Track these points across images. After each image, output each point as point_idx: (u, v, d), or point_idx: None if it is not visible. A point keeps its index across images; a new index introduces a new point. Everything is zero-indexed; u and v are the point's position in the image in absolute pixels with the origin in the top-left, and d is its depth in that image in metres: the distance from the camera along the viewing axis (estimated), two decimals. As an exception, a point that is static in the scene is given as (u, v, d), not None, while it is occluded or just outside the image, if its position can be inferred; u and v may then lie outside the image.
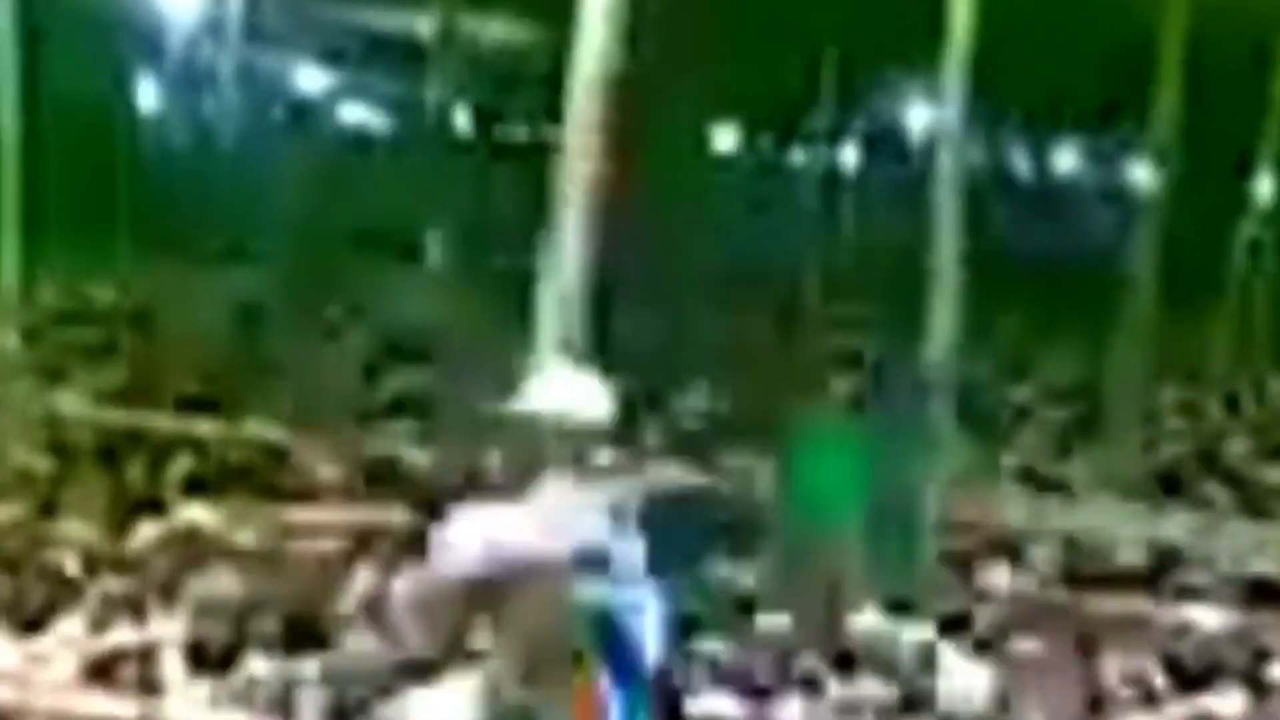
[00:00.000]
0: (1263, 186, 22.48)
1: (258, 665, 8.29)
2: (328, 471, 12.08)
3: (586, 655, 5.51)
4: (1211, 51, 16.53)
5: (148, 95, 39.69)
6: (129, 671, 8.26)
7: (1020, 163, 49.74)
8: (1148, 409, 16.00)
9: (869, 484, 10.02)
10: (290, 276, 23.35)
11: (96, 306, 20.42)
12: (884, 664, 8.78)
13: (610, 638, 5.56)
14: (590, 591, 5.52)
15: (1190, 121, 16.70)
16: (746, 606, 9.43)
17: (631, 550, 5.63)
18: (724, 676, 8.40)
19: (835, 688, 8.59)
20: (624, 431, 5.89)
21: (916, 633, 9.27)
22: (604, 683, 5.53)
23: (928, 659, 8.92)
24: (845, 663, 8.78)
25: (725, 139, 41.97)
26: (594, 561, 5.53)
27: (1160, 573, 10.55)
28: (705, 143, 21.06)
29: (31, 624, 8.84)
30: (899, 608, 9.49)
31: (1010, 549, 10.81)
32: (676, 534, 6.05)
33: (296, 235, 27.01)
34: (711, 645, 8.68)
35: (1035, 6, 17.69)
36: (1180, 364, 19.36)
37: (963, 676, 8.89)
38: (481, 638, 5.62)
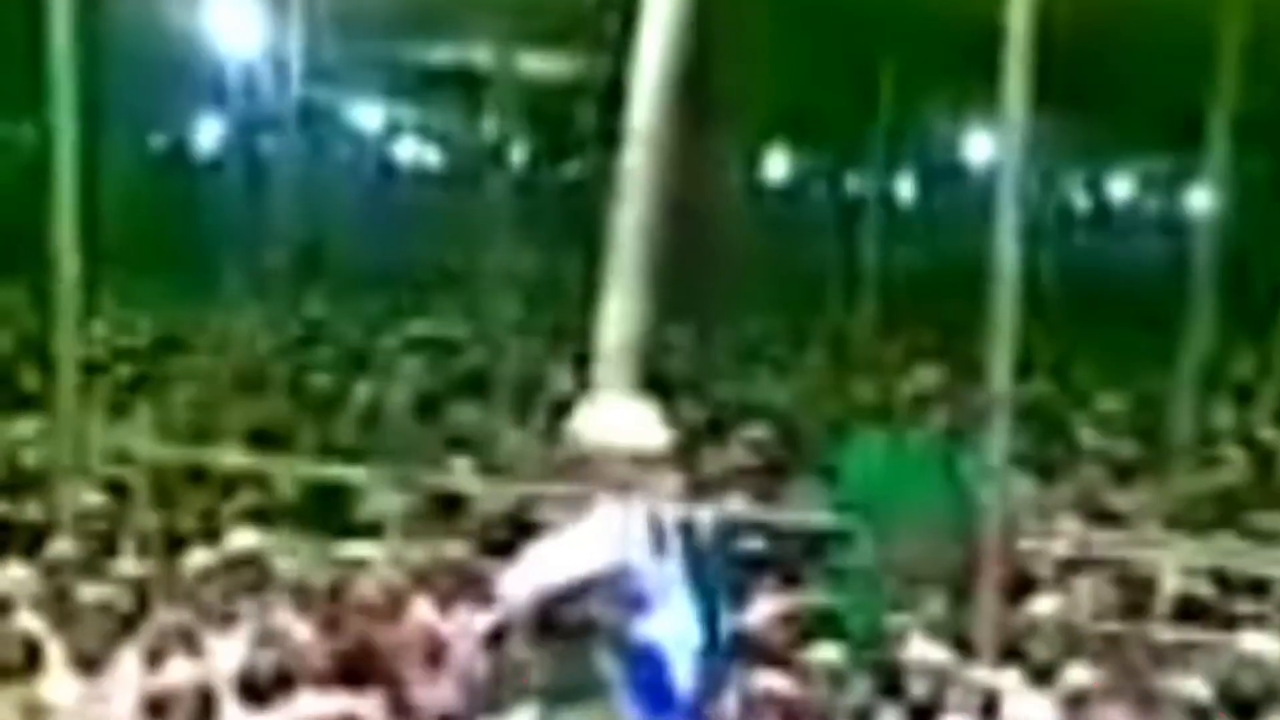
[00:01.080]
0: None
1: (311, 701, 8.33)
2: (389, 506, 12.09)
3: (618, 683, 5.53)
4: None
5: (207, 133, 40.09)
6: (186, 706, 8.29)
7: (1079, 187, 49.53)
8: (1205, 435, 15.90)
9: (925, 512, 10.02)
10: (348, 310, 23.52)
11: (158, 340, 20.52)
12: (936, 693, 8.76)
13: (645, 666, 5.56)
14: (628, 618, 5.54)
15: (1255, 140, 16.56)
16: (802, 636, 9.40)
17: (673, 576, 5.65)
18: (774, 706, 8.38)
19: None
20: (683, 460, 5.90)
21: (972, 662, 9.26)
22: (634, 711, 5.54)
23: (985, 689, 8.90)
24: (897, 693, 8.77)
25: (778, 165, 42.04)
26: (633, 587, 5.54)
27: (1216, 601, 10.48)
28: (758, 169, 21.15)
29: (88, 660, 8.93)
30: (954, 637, 9.46)
31: (1065, 578, 10.75)
32: (725, 562, 6.06)
33: (353, 270, 27.21)
34: (761, 675, 8.66)
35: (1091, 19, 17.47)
36: (1240, 388, 19.23)
37: (1022, 707, 8.87)
38: (538, 673, 5.65)
